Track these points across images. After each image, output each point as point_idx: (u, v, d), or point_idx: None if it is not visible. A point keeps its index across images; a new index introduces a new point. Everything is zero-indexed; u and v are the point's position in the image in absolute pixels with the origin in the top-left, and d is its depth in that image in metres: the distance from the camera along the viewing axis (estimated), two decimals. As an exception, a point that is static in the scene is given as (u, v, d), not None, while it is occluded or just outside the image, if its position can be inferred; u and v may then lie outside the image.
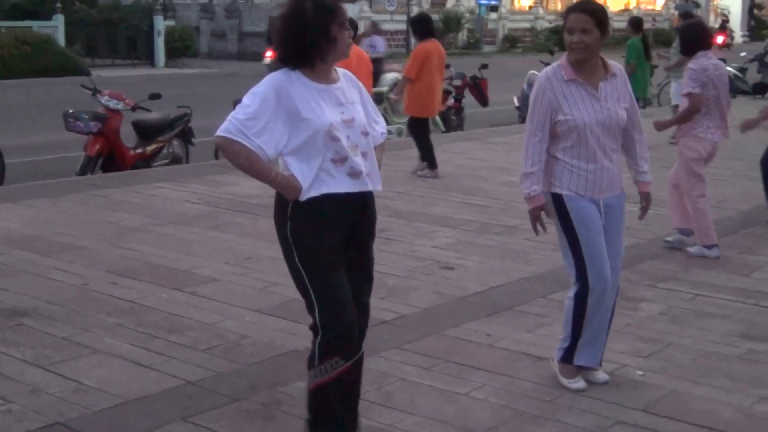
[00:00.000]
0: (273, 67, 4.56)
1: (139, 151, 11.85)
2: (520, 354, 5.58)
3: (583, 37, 4.81)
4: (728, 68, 14.21)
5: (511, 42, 48.96)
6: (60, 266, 7.24)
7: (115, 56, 33.47)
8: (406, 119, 15.91)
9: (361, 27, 42.58)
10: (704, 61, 7.78)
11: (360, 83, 4.31)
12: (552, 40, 46.47)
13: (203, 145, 12.90)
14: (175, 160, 12.44)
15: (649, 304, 6.56)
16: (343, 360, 4.09)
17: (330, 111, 4.02)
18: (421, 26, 11.79)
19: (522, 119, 17.63)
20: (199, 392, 4.97)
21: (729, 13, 61.35)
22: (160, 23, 34.72)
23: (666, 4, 64.72)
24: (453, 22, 45.65)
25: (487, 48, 46.76)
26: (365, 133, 4.15)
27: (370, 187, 4.14)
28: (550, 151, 4.94)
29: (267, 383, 5.08)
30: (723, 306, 6.54)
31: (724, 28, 45.17)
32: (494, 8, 49.77)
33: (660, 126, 8.25)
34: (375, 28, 24.88)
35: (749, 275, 7.32)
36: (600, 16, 4.85)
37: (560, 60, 5.02)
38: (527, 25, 52.20)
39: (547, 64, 20.84)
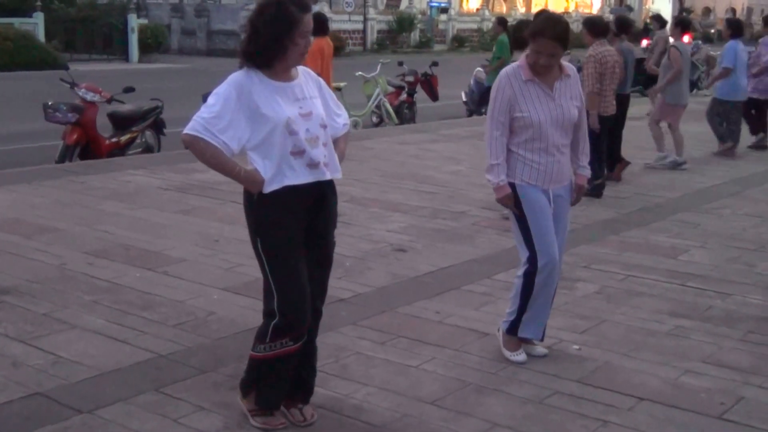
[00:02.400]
0: None
1: (114, 140, 11.72)
2: (467, 330, 5.60)
3: (551, 60, 4.84)
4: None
5: (460, 42, 48.99)
6: (40, 247, 7.14)
7: (91, 51, 33.07)
8: (363, 112, 15.94)
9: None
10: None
11: (320, 79, 4.28)
12: (497, 41, 46.61)
13: (174, 135, 12.70)
14: (148, 149, 12.32)
15: (584, 284, 6.60)
16: (292, 342, 4.10)
17: (287, 106, 3.99)
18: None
19: (469, 113, 17.67)
20: (169, 365, 4.94)
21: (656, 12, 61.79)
22: (134, 21, 34.37)
23: (602, 8, 65.16)
24: (406, 22, 45.60)
25: (437, 47, 46.74)
26: (324, 126, 4.12)
27: (327, 176, 4.11)
28: (507, 144, 4.97)
29: (233, 356, 5.04)
30: (652, 286, 6.60)
31: (647, 31, 45.39)
32: (444, 10, 49.79)
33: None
34: None
35: (677, 258, 7.39)
36: (565, 39, 4.85)
37: (519, 61, 5.01)
38: (474, 26, 52.25)
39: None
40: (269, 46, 3.93)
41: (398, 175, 10.72)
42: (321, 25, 11.54)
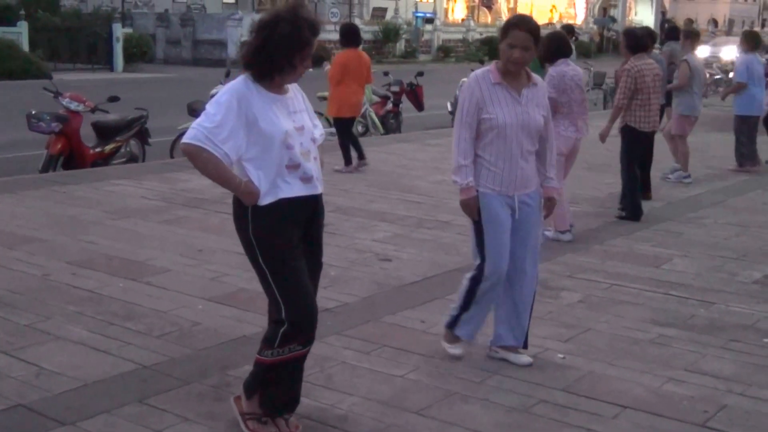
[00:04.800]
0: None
1: (98, 150, 11.68)
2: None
3: (524, 53, 4.88)
4: None
5: (445, 52, 49.17)
6: (22, 258, 7.11)
7: (76, 61, 33.03)
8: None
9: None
10: (563, 67, 7.94)
11: (302, 91, 4.27)
12: (482, 51, 46.84)
13: (159, 145, 12.75)
14: (132, 159, 12.28)
15: (569, 293, 6.61)
16: (301, 346, 4.09)
17: (284, 120, 3.98)
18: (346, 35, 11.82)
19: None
20: (153, 376, 4.91)
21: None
22: (119, 31, 34.37)
23: (585, 18, 65.51)
24: (392, 33, 45.74)
25: (422, 57, 46.87)
26: (314, 139, 4.13)
27: (319, 190, 4.12)
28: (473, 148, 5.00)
29: (217, 367, 5.03)
30: (636, 294, 6.62)
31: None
32: (430, 20, 49.95)
33: None
34: None
35: (660, 267, 7.41)
36: (537, 34, 4.96)
37: (489, 66, 5.07)
38: (460, 36, 52.44)
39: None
40: (278, 63, 3.92)
41: (384, 184, 10.72)
42: (353, 36, 11.75)
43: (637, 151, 9.16)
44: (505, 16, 61.34)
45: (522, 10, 64.94)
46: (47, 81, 12.63)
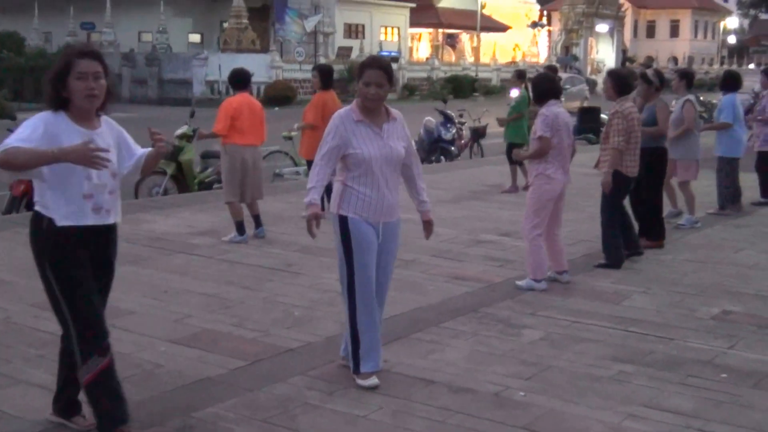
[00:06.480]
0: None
1: (62, 191, 11.62)
2: (415, 378, 5.62)
3: (379, 90, 5.30)
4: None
5: (410, 90, 49.52)
6: (-16, 301, 7.06)
7: (41, 101, 32.65)
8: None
9: (272, 76, 42.67)
10: (555, 108, 7.81)
11: (121, 130, 4.62)
12: (447, 89, 47.22)
13: (123, 185, 12.69)
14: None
15: (530, 331, 6.67)
16: (102, 357, 4.41)
17: None
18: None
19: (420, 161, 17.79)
20: (115, 419, 4.88)
21: (605, 65, 62.91)
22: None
23: (548, 57, 66.30)
24: (357, 71, 45.92)
25: (388, 95, 47.08)
26: (114, 174, 4.43)
27: (110, 221, 4.45)
28: (343, 179, 5.36)
29: (180, 409, 5.02)
30: (596, 331, 6.68)
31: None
32: (395, 59, 50.34)
33: (519, 156, 8.87)
34: None
35: (620, 303, 7.49)
36: (390, 72, 5.41)
37: (351, 105, 5.42)
38: (424, 74, 52.90)
39: (441, 111, 21.03)
40: (56, 87, 4.27)
41: (348, 223, 10.73)
42: (331, 78, 11.34)
43: (622, 197, 8.89)
44: (469, 56, 62.06)
45: (485, 49, 65.79)
46: (10, 121, 12.56)
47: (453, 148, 18.70)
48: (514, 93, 14.67)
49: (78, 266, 4.35)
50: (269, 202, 11.80)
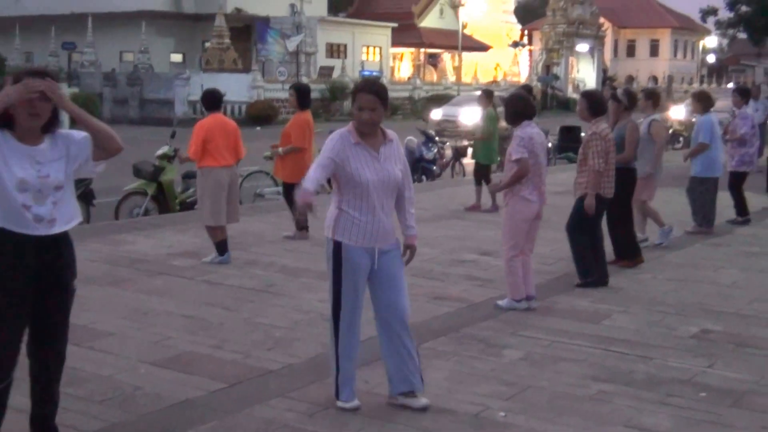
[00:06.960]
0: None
1: (42, 211, 11.55)
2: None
3: (372, 114, 5.25)
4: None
5: (392, 109, 49.58)
6: (-38, 323, 6.99)
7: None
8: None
9: (254, 95, 42.71)
10: (529, 129, 7.71)
11: (72, 138, 4.62)
12: (428, 109, 47.30)
13: (103, 206, 12.69)
14: (77, 220, 12.16)
15: (511, 351, 6.67)
16: None
17: (20, 168, 4.29)
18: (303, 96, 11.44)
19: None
20: (94, 442, 4.86)
21: (584, 85, 63.19)
22: (65, 90, 34.10)
23: (529, 76, 66.64)
24: (339, 91, 46.11)
25: (370, 115, 47.16)
26: (59, 188, 4.42)
27: (55, 231, 4.43)
28: (338, 204, 5.33)
29: (159, 432, 5.00)
30: (576, 351, 6.70)
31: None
32: (377, 78, 50.44)
33: (495, 189, 8.56)
34: None
35: (599, 323, 7.51)
36: (384, 95, 5.32)
37: (348, 126, 5.37)
38: (406, 94, 53.01)
39: (423, 131, 21.07)
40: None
41: (329, 243, 10.71)
42: (304, 97, 11.17)
43: (598, 218, 8.78)
44: (450, 75, 62.31)
45: (466, 68, 66.11)
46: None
47: (434, 168, 18.78)
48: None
49: (7, 294, 4.35)
50: (250, 222, 11.80)
